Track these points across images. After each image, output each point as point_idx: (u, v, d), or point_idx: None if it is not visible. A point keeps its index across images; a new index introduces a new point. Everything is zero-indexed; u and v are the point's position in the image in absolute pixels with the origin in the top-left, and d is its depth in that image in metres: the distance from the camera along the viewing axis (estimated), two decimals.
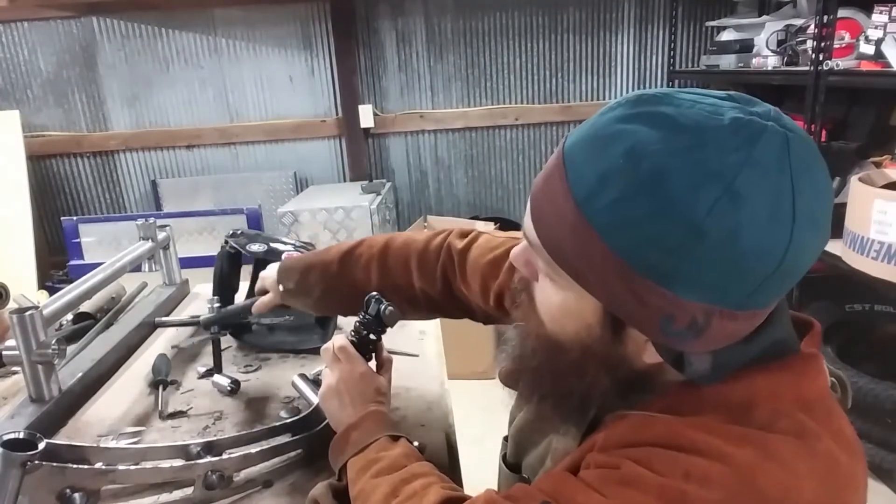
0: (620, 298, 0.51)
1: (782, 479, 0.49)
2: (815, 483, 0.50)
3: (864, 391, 2.02)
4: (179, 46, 3.49)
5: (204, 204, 3.59)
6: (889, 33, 2.17)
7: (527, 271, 0.61)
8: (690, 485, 0.49)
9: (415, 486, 0.70)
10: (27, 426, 0.95)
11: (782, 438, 0.51)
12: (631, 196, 0.47)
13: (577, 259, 0.52)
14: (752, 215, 0.46)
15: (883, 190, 2.03)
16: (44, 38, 3.42)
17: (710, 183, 0.45)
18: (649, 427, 0.55)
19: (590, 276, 0.51)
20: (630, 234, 0.48)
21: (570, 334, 0.57)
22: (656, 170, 0.46)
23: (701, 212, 0.45)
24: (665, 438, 0.53)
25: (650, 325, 0.51)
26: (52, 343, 0.99)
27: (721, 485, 0.48)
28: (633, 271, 0.48)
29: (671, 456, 0.51)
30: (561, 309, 0.57)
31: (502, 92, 3.66)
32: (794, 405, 0.53)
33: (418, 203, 3.83)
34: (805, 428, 0.52)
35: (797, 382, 0.55)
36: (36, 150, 3.52)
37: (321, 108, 3.62)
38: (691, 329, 0.50)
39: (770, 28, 2.74)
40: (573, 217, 0.50)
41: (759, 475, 0.49)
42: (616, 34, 3.59)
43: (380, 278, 0.94)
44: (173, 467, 0.82)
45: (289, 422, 0.92)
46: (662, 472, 0.51)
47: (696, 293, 0.48)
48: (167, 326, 1.43)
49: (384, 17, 3.51)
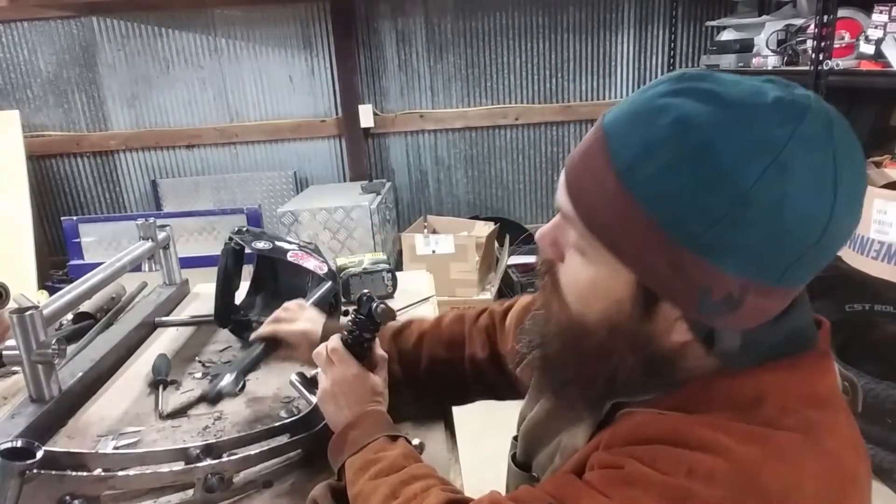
0: (657, 270, 0.50)
1: (786, 475, 0.49)
2: (819, 481, 0.50)
3: (864, 391, 2.01)
4: (179, 46, 3.49)
5: (204, 204, 3.59)
6: (889, 33, 2.17)
7: (552, 251, 0.60)
8: (694, 482, 0.49)
9: (414, 488, 0.69)
10: (27, 426, 0.95)
11: (788, 436, 0.50)
12: (676, 166, 0.47)
13: (615, 230, 0.51)
14: (798, 187, 0.46)
15: (883, 190, 2.03)
16: (44, 38, 3.42)
17: (757, 154, 0.46)
18: (654, 424, 0.54)
19: (627, 247, 0.51)
20: (674, 204, 0.48)
21: (596, 313, 0.56)
22: (703, 140, 0.46)
23: (748, 181, 0.46)
24: (669, 435, 0.52)
25: (686, 299, 0.51)
26: (52, 343, 0.99)
27: (725, 481, 0.48)
28: (674, 242, 0.48)
29: (675, 453, 0.51)
30: (590, 286, 0.56)
31: (502, 92, 3.66)
32: (802, 402, 0.53)
33: (418, 203, 3.83)
34: (811, 425, 0.51)
35: (807, 380, 0.54)
36: (36, 149, 3.52)
37: (321, 107, 3.63)
38: (726, 303, 0.49)
39: (770, 28, 2.74)
40: (614, 187, 0.50)
41: (762, 472, 0.48)
42: (616, 34, 3.59)
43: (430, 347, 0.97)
44: (173, 471, 0.81)
45: (287, 422, 0.92)
46: (666, 470, 0.50)
47: (735, 265, 0.48)
48: (167, 326, 1.43)
49: (384, 17, 3.51)
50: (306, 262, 1.25)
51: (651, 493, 0.50)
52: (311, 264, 1.25)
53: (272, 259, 1.36)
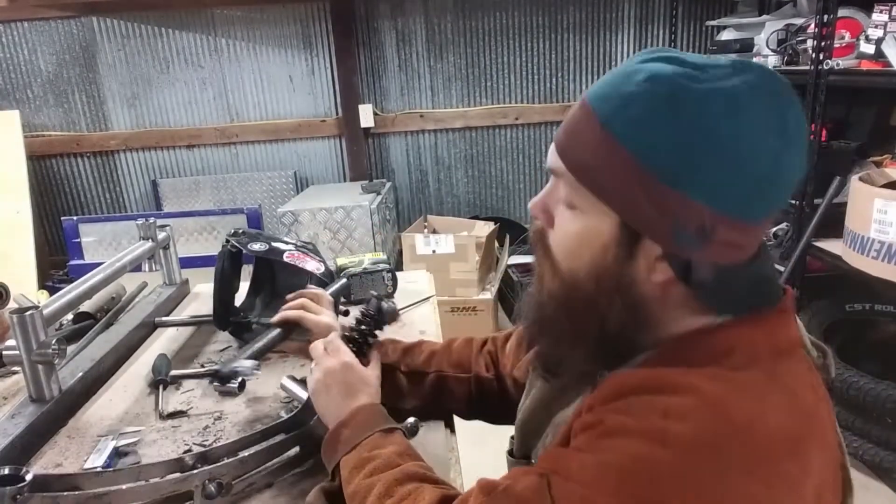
0: (638, 206, 0.56)
1: (750, 408, 0.54)
2: (780, 412, 0.55)
3: (864, 391, 2.02)
4: (179, 46, 3.49)
5: (204, 204, 3.60)
6: (889, 32, 2.17)
7: (544, 218, 0.66)
8: (669, 421, 0.53)
9: (409, 487, 0.70)
10: (27, 426, 0.95)
11: (751, 375, 0.56)
12: (650, 110, 0.55)
13: (600, 173, 0.58)
14: (750, 123, 0.55)
15: (883, 189, 2.03)
16: (44, 38, 3.42)
17: (714, 96, 0.55)
18: (629, 379, 0.59)
19: (611, 187, 0.58)
20: (649, 142, 0.55)
21: (585, 265, 0.61)
22: (671, 89, 0.55)
23: (708, 119, 0.54)
24: (644, 385, 0.58)
25: (664, 232, 0.57)
26: (53, 343, 0.99)
27: (696, 417, 0.53)
28: (651, 177, 0.55)
29: (650, 400, 0.56)
30: (578, 237, 0.61)
31: (502, 91, 3.66)
32: (766, 353, 0.58)
33: (418, 203, 3.83)
34: (774, 370, 0.57)
35: (771, 332, 0.60)
36: (36, 149, 3.52)
37: (321, 107, 3.63)
38: (699, 234, 0.56)
39: (770, 27, 2.74)
40: (598, 136, 0.57)
41: (729, 406, 0.54)
42: (616, 34, 3.59)
43: (438, 364, 0.99)
44: (170, 480, 0.81)
45: (280, 422, 0.92)
46: (643, 415, 0.55)
47: (703, 195, 0.55)
48: (167, 326, 1.43)
49: (384, 17, 3.51)
50: (304, 262, 1.25)
51: (631, 439, 0.54)
52: (309, 265, 1.25)
53: (270, 260, 1.36)
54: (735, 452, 0.52)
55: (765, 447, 0.53)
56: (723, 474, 0.52)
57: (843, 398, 2.06)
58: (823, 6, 2.26)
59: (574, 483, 0.56)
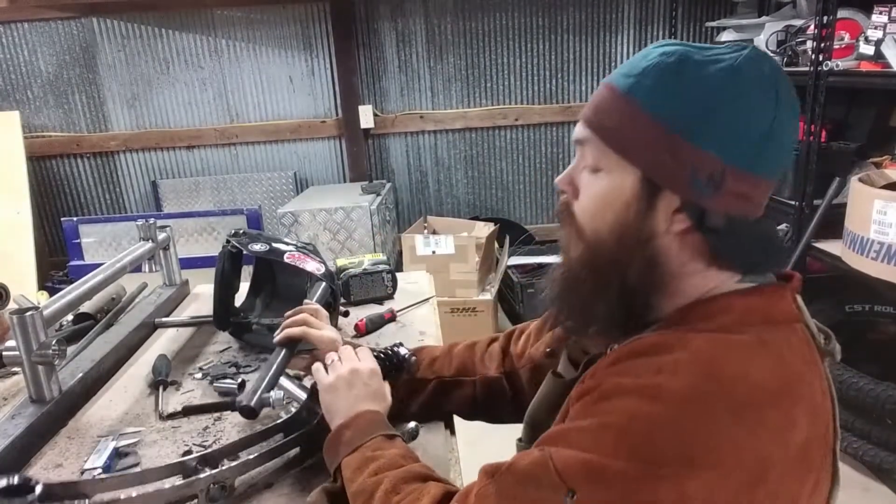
0: (658, 159, 0.63)
1: (736, 364, 0.58)
2: (766, 371, 0.59)
3: (864, 392, 2.02)
4: (179, 47, 3.49)
5: (204, 204, 3.60)
6: (889, 34, 2.17)
7: (570, 190, 0.71)
8: (662, 376, 0.58)
9: (415, 485, 0.71)
10: (28, 427, 0.95)
11: (741, 337, 0.61)
12: (665, 75, 0.64)
13: (623, 134, 0.65)
14: (748, 87, 0.63)
15: (883, 190, 2.03)
16: (44, 39, 3.42)
17: (718, 64, 0.63)
18: (625, 348, 0.64)
19: (633, 145, 0.64)
20: (665, 102, 0.63)
21: (608, 224, 0.66)
22: (682, 59, 0.64)
23: (714, 81, 0.62)
24: (641, 349, 0.63)
25: (681, 182, 0.63)
26: (53, 344, 0.99)
27: (686, 371, 0.58)
28: (668, 132, 0.62)
29: (645, 360, 0.61)
30: (602, 197, 0.67)
31: (502, 92, 3.66)
32: (759, 321, 0.63)
33: (418, 203, 3.84)
34: (764, 336, 0.61)
35: (767, 303, 0.65)
36: (36, 150, 3.52)
37: (321, 108, 3.63)
38: (712, 181, 0.62)
39: (770, 28, 2.74)
40: (621, 104, 0.65)
41: (716, 360, 0.58)
42: (616, 35, 3.59)
43: (442, 363, 1.01)
44: (175, 486, 0.81)
45: (280, 422, 0.92)
46: (638, 375, 0.60)
47: (714, 146, 0.62)
48: (167, 327, 1.43)
49: (384, 18, 3.51)
50: (304, 263, 1.25)
51: (628, 397, 0.58)
52: (309, 265, 1.25)
53: (270, 261, 1.37)
54: (721, 402, 0.56)
55: (748, 396, 0.57)
56: (710, 422, 0.56)
57: (843, 399, 2.06)
58: (823, 7, 2.26)
59: (575, 449, 0.59)
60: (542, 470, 0.60)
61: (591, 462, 0.57)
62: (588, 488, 0.57)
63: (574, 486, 0.57)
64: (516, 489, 0.62)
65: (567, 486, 0.58)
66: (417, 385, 0.98)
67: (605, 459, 0.56)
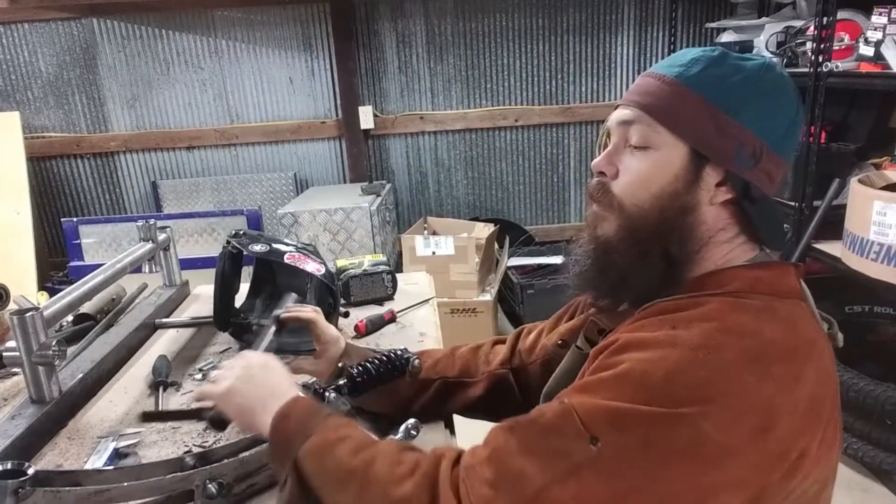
0: (706, 135, 0.70)
1: (747, 321, 0.64)
2: (777, 330, 0.63)
3: (864, 393, 2.02)
4: (180, 48, 3.49)
5: (204, 205, 3.60)
6: (888, 35, 2.17)
7: (610, 170, 0.76)
8: (678, 329, 0.64)
9: (414, 454, 0.69)
10: (28, 427, 0.95)
11: (754, 304, 0.66)
12: (713, 63, 0.72)
13: (675, 112, 0.71)
14: (781, 80, 0.73)
15: (882, 192, 2.03)
16: (44, 40, 3.42)
17: (754, 61, 0.74)
18: (642, 312, 0.70)
19: (684, 122, 0.71)
20: (715, 84, 0.71)
21: (652, 195, 0.72)
22: (724, 53, 0.73)
23: (754, 71, 0.72)
24: (655, 311, 0.69)
25: (727, 155, 0.70)
26: (53, 344, 0.99)
27: (700, 325, 0.63)
28: (717, 110, 0.70)
29: (660, 318, 0.67)
30: (649, 171, 0.72)
31: (502, 93, 3.66)
32: (767, 290, 0.69)
33: (418, 204, 3.84)
34: (773, 305, 0.67)
35: (774, 277, 0.71)
36: (36, 151, 3.52)
37: (321, 109, 3.63)
38: (752, 156, 0.70)
39: (770, 30, 2.74)
40: (672, 86, 0.72)
41: (729, 317, 0.64)
42: (616, 36, 3.60)
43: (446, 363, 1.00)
44: (171, 479, 0.80)
45: None
46: (653, 329, 0.65)
47: (755, 125, 0.70)
48: (167, 328, 1.43)
49: (384, 19, 3.51)
50: (304, 263, 1.25)
51: (645, 348, 0.63)
52: (310, 266, 1.25)
53: (270, 261, 1.37)
54: (733, 351, 0.61)
55: (758, 349, 0.61)
56: (723, 367, 0.60)
57: (843, 400, 2.05)
58: (823, 8, 2.26)
59: (598, 398, 0.62)
60: (565, 420, 0.62)
61: (613, 408, 0.60)
62: (611, 434, 0.59)
63: (597, 433, 0.60)
64: (538, 440, 0.63)
65: (590, 433, 0.60)
66: (421, 385, 0.98)
67: (626, 405, 0.60)
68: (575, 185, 3.84)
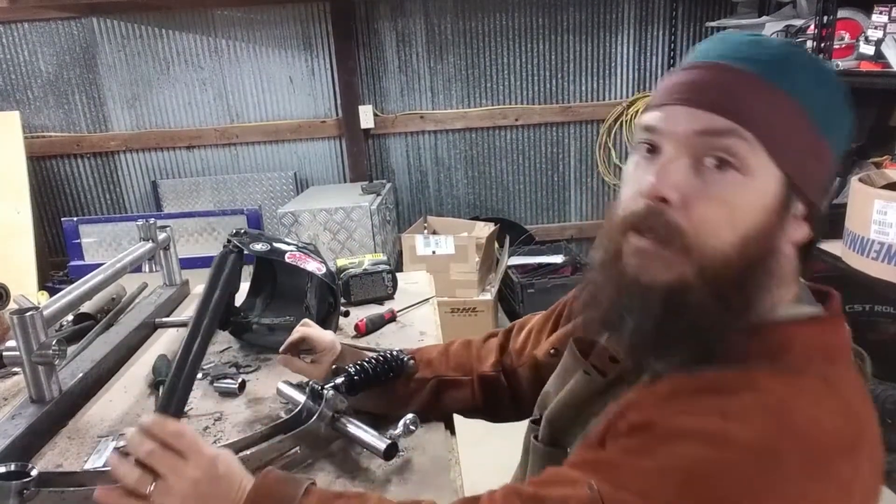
0: (805, 159, 0.58)
1: (808, 411, 0.54)
2: (837, 417, 0.55)
3: None
4: (180, 47, 3.49)
5: (204, 205, 3.60)
6: (889, 34, 2.17)
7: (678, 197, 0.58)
8: (729, 422, 0.53)
9: None
10: (28, 427, 0.95)
11: (811, 380, 0.56)
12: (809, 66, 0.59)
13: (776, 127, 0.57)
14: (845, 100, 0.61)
15: (883, 190, 2.03)
16: (44, 39, 3.42)
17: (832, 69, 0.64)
18: (684, 381, 0.58)
19: (783, 141, 0.57)
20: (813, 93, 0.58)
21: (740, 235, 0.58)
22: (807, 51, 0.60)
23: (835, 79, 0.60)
24: (701, 385, 0.56)
25: (819, 185, 0.60)
26: (53, 344, 0.99)
27: (756, 419, 0.53)
28: (815, 127, 0.58)
29: (708, 400, 0.55)
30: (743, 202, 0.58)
31: (502, 93, 3.66)
32: (819, 355, 0.58)
33: (418, 203, 3.83)
34: (829, 374, 0.57)
35: (824, 336, 0.61)
36: (36, 150, 3.52)
37: (321, 108, 3.63)
38: (830, 183, 0.61)
39: (770, 28, 2.74)
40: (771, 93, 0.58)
41: (790, 409, 0.53)
42: (616, 35, 3.59)
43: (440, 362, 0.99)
44: None
45: (280, 423, 0.92)
46: (701, 417, 0.54)
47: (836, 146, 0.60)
48: (167, 327, 1.43)
49: (384, 18, 3.51)
50: (305, 263, 1.25)
51: (689, 443, 0.53)
52: (310, 265, 1.25)
53: (271, 260, 1.37)
54: (793, 456, 0.52)
55: (821, 449, 0.53)
56: (781, 476, 0.51)
57: None
58: (823, 7, 2.26)
59: (632, 493, 0.54)
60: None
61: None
62: None
63: None
64: None
65: None
66: (417, 385, 0.98)
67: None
68: (575, 184, 3.84)
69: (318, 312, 1.30)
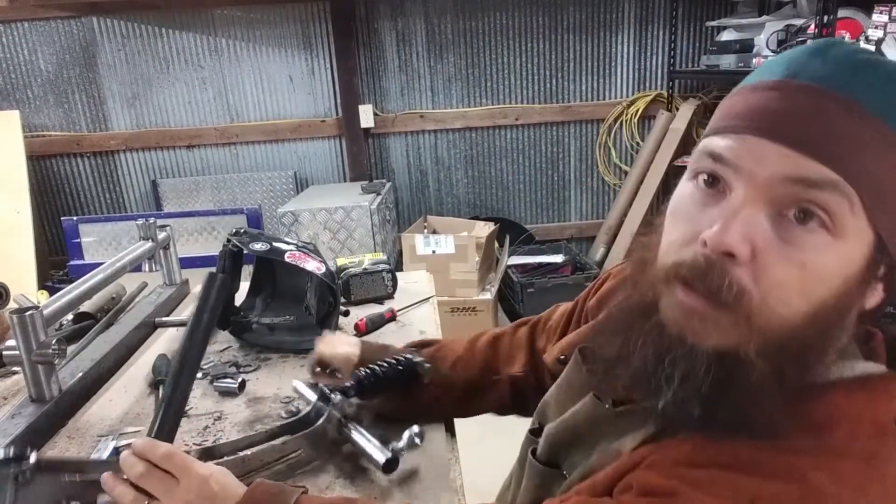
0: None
1: (847, 500, 0.47)
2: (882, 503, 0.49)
3: None
4: (179, 46, 3.49)
5: (204, 204, 3.60)
6: (889, 33, 2.17)
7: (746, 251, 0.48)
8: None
9: None
10: (27, 426, 0.95)
11: (854, 464, 0.49)
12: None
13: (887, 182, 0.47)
14: None
15: None
16: (44, 38, 3.42)
17: None
18: (712, 448, 0.50)
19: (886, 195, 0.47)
20: None
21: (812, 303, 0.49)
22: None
23: None
24: (732, 461, 0.49)
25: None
26: (53, 343, 0.99)
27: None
28: None
29: (736, 479, 0.48)
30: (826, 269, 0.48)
31: (502, 92, 3.66)
32: (869, 430, 0.50)
33: (418, 203, 3.83)
34: (876, 453, 0.49)
35: (873, 405, 0.52)
36: (36, 149, 3.52)
37: (321, 108, 3.63)
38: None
39: (770, 28, 2.74)
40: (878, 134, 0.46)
41: (829, 500, 0.47)
42: (616, 34, 3.59)
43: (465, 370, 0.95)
44: None
45: (285, 423, 0.91)
46: (727, 498, 0.47)
47: None
48: (167, 327, 1.43)
49: (384, 18, 3.51)
50: (304, 262, 1.25)
51: None
52: (310, 265, 1.25)
53: (271, 260, 1.36)
54: None
55: None
56: None
57: None
58: (823, 7, 2.26)
59: None
60: None
61: None
62: None
63: None
64: None
65: None
66: (445, 387, 0.95)
67: None
68: (575, 183, 3.84)
69: (317, 312, 1.31)
